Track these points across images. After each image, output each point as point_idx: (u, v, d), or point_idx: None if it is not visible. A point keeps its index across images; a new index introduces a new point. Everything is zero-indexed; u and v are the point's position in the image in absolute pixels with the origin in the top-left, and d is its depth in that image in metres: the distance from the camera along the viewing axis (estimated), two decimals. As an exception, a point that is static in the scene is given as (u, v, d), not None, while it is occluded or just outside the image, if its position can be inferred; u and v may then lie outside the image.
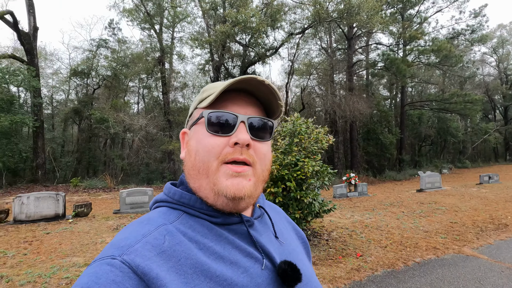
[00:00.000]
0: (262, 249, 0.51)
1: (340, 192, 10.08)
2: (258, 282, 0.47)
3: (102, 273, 0.38)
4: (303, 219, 4.62)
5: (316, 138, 4.75)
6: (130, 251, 0.41)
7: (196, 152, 0.52)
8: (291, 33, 16.92)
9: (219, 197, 0.50)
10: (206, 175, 0.50)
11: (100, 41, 20.95)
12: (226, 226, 0.51)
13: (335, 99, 18.40)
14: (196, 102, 0.57)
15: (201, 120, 0.52)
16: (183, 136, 0.58)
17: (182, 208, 0.52)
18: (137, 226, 0.47)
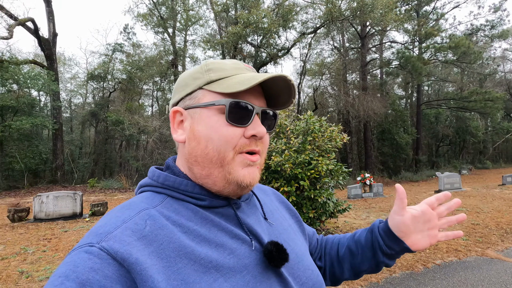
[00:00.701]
0: (250, 230, 0.51)
1: (354, 193, 9.88)
2: (246, 263, 0.47)
3: (80, 261, 0.38)
4: (317, 218, 4.54)
5: (330, 136, 4.66)
6: (109, 237, 0.40)
7: (209, 139, 0.49)
8: (303, 33, 16.81)
9: (230, 185, 0.50)
10: (221, 164, 0.49)
11: (115, 45, 21.48)
12: (212, 209, 0.51)
13: (348, 99, 18.12)
14: (200, 81, 0.51)
15: (215, 107, 0.49)
16: (175, 115, 0.54)
17: (166, 192, 0.51)
18: (117, 212, 0.46)
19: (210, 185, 0.50)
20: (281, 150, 4.40)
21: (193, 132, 0.51)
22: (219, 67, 0.52)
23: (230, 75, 0.51)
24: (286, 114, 5.09)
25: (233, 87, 0.48)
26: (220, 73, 0.51)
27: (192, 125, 0.51)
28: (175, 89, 0.56)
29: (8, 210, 6.15)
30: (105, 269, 0.37)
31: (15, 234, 5.38)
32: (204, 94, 0.51)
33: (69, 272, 0.36)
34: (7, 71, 14.00)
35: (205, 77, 0.51)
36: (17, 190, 14.09)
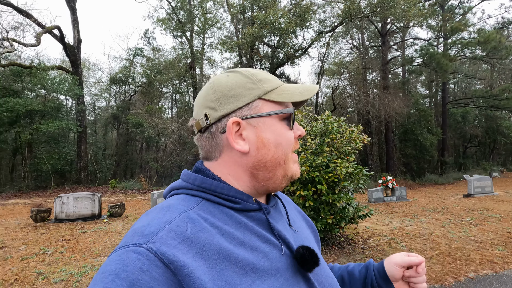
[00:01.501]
0: (279, 235, 0.53)
1: (376, 196, 9.47)
2: (278, 266, 0.48)
3: (129, 261, 0.38)
4: (335, 224, 4.31)
5: (349, 137, 4.42)
6: (155, 239, 0.41)
7: (278, 145, 0.53)
8: (320, 32, 16.47)
9: (286, 180, 0.56)
10: (284, 164, 0.54)
11: (136, 50, 22.09)
12: (245, 212, 0.52)
13: (369, 99, 17.53)
14: (256, 91, 0.53)
15: (278, 115, 0.54)
16: (233, 126, 0.52)
17: (201, 195, 0.52)
18: (158, 213, 0.47)
19: (270, 184, 0.55)
20: (297, 152, 4.22)
21: (262, 140, 0.53)
22: (266, 78, 0.56)
23: (278, 85, 0.56)
24: (303, 115, 4.90)
25: (295, 97, 0.54)
26: (271, 83, 0.55)
27: (258, 134, 0.53)
28: (218, 99, 0.54)
29: (31, 211, 6.37)
30: (153, 271, 0.38)
31: (36, 234, 5.54)
32: (263, 104, 0.54)
33: (120, 271, 0.37)
34: (36, 77, 14.71)
35: (261, 87, 0.54)
36: (44, 190, 14.73)
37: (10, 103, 12.81)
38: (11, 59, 15.51)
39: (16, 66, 14.48)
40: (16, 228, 6.10)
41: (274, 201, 0.60)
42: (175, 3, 19.03)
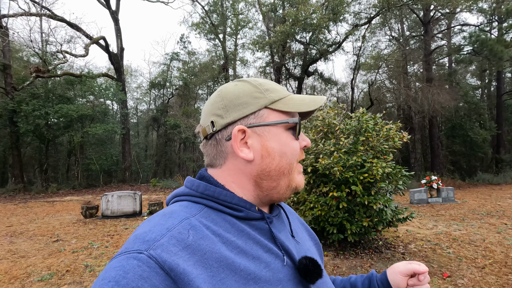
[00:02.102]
0: (282, 245, 0.52)
1: (418, 198, 8.83)
2: (280, 277, 0.48)
3: (129, 268, 0.38)
4: (372, 227, 4.09)
5: (387, 135, 4.16)
6: (156, 245, 0.41)
7: (283, 154, 0.53)
8: (355, 25, 15.77)
9: (290, 191, 0.55)
10: (288, 174, 0.54)
11: (172, 54, 23.11)
12: (247, 221, 0.52)
13: (410, 93, 16.40)
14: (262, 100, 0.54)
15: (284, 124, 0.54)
16: (238, 134, 0.53)
17: (204, 202, 0.51)
18: (160, 219, 0.46)
19: (274, 194, 0.54)
20: (330, 151, 4.07)
21: (266, 149, 0.53)
22: (273, 88, 0.56)
23: (285, 96, 0.56)
24: (335, 113, 4.71)
25: (301, 108, 0.54)
26: (278, 93, 0.55)
27: (263, 142, 0.53)
28: (225, 106, 0.54)
29: (82, 207, 6.99)
30: (153, 278, 0.38)
31: (86, 229, 6.05)
32: (269, 113, 0.54)
33: (120, 278, 0.37)
34: (85, 85, 16.08)
35: (267, 97, 0.54)
36: (94, 188, 16.08)
37: (64, 109, 14.15)
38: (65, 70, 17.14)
39: (69, 76, 15.95)
40: (69, 223, 6.72)
41: (277, 211, 0.60)
42: (208, 7, 19.56)
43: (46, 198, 11.95)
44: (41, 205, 9.91)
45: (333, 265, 3.78)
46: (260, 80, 0.57)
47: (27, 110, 13.52)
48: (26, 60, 17.50)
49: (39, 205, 9.92)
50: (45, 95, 15.29)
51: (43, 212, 8.39)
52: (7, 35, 14.46)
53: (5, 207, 9.64)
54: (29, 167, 18.48)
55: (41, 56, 15.99)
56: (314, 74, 19.16)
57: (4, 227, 6.44)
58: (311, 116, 4.81)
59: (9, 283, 3.42)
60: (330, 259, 3.98)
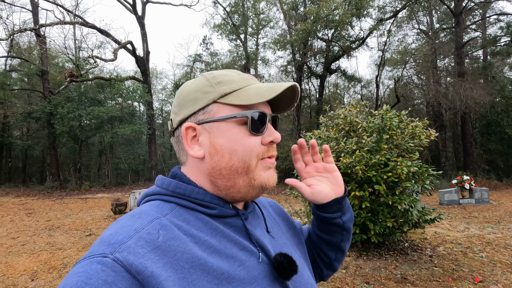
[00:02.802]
0: (257, 242, 0.51)
1: (449, 198, 8.39)
2: (255, 275, 0.47)
3: (93, 273, 0.36)
4: (397, 228, 3.97)
5: (412, 133, 4.01)
6: (123, 248, 0.38)
7: (232, 152, 0.50)
8: (380, 19, 15.26)
9: (254, 189, 0.51)
10: (245, 173, 0.50)
11: (195, 56, 23.64)
12: (221, 218, 0.51)
13: (440, 88, 15.59)
14: (212, 94, 0.51)
15: (234, 119, 0.50)
16: (187, 131, 0.52)
17: (175, 201, 0.50)
18: (128, 220, 0.44)
19: (234, 193, 0.51)
20: (352, 150, 3.99)
21: (214, 146, 0.50)
22: (229, 80, 0.52)
23: (242, 87, 0.52)
24: (358, 111, 4.61)
25: (253, 99, 0.49)
26: (232, 85, 0.51)
27: (211, 139, 0.51)
28: (179, 104, 0.54)
29: (112, 204, 7.39)
30: (119, 283, 0.36)
31: (116, 224, 6.38)
32: (219, 107, 0.51)
33: (81, 284, 0.35)
34: (114, 87, 16.91)
35: (218, 90, 0.51)
36: (123, 186, 16.87)
37: (95, 111, 14.97)
38: (95, 74, 18.12)
39: (99, 79, 16.85)
40: (100, 218, 7.12)
41: (252, 207, 0.59)
42: (229, 8, 19.79)
43: (79, 195, 12.73)
44: (75, 202, 10.58)
45: (356, 265, 3.71)
46: (217, 73, 0.53)
47: (62, 112, 14.45)
48: (61, 65, 18.69)
49: (74, 202, 10.59)
50: (78, 98, 16.26)
51: (77, 208, 8.95)
52: (44, 43, 15.55)
53: (44, 202, 10.39)
54: (64, 166, 19.74)
55: (75, 61, 17.02)
56: (337, 72, 18.77)
57: (44, 221, 6.95)
58: (332, 115, 4.74)
59: (48, 272, 3.70)
60: (352, 259, 3.92)
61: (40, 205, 9.70)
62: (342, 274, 3.48)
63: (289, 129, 18.99)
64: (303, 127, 17.68)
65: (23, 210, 8.58)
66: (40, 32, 15.28)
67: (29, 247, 4.82)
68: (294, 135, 16.84)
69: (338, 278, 3.37)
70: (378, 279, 3.32)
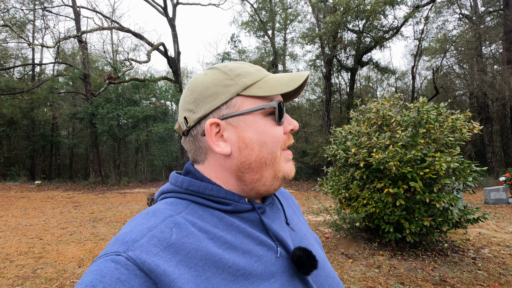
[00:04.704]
0: (275, 236, 0.50)
1: (495, 197, 7.72)
2: (272, 270, 0.46)
3: (107, 271, 0.37)
4: (435, 228, 3.74)
5: (452, 126, 3.74)
6: (135, 246, 0.39)
7: (262, 144, 0.50)
8: (416, 6, 14.32)
9: (278, 181, 0.52)
10: (272, 164, 0.50)
11: (224, 54, 23.97)
12: (237, 214, 0.50)
13: (485, 78, 14.30)
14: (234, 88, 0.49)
15: (260, 111, 0.50)
16: (211, 127, 0.49)
17: (190, 198, 0.50)
18: (142, 218, 0.45)
19: (260, 186, 0.51)
20: (384, 145, 3.83)
21: (243, 140, 0.49)
22: (247, 71, 0.51)
23: (261, 78, 0.51)
24: (391, 104, 4.40)
25: (278, 89, 0.49)
26: (252, 77, 0.51)
27: (239, 134, 0.49)
28: (195, 100, 0.51)
29: (147, 198, 7.79)
30: (131, 281, 0.36)
31: (151, 218, 6.74)
32: (243, 100, 0.50)
33: (96, 282, 0.36)
34: (148, 88, 17.75)
35: (239, 83, 0.50)
36: (157, 181, 17.73)
37: (132, 111, 15.84)
38: (131, 75, 19.15)
39: (134, 81, 17.77)
40: (137, 211, 7.56)
41: (270, 199, 0.57)
42: (257, 5, 19.78)
43: (119, 190, 13.60)
44: (115, 196, 11.33)
45: (390, 265, 3.57)
46: (231, 65, 0.52)
47: (102, 113, 15.49)
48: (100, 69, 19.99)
49: (114, 196, 11.35)
50: (116, 99, 17.32)
51: (117, 202, 9.58)
52: (86, 48, 16.74)
53: (88, 196, 11.26)
54: (105, 163, 21.17)
55: (112, 64, 18.11)
56: (369, 64, 17.99)
57: (88, 213, 7.54)
58: (363, 109, 4.57)
59: (92, 260, 4.02)
60: (386, 259, 3.77)
61: (85, 199, 10.53)
62: (374, 274, 3.37)
63: (319, 125, 18.61)
64: (333, 122, 17.22)
65: (71, 203, 9.37)
66: (82, 39, 16.45)
67: (76, 236, 5.27)
68: (324, 131, 16.48)
69: (371, 278, 3.27)
70: (414, 280, 3.17)
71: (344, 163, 4.36)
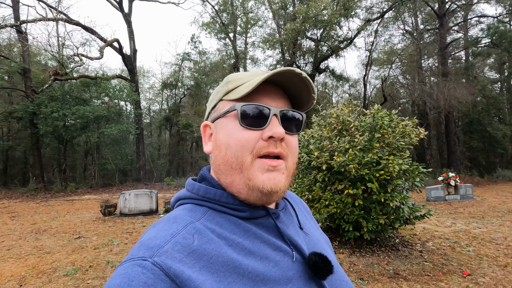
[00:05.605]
0: (290, 241, 0.51)
1: (435, 195, 8.65)
2: (289, 275, 0.46)
3: (134, 275, 0.38)
4: (389, 225, 4.06)
5: (403, 131, 4.10)
6: (161, 252, 0.40)
7: (227, 146, 0.50)
8: (367, 20, 15.53)
9: (253, 192, 0.49)
10: (240, 170, 0.49)
11: (184, 55, 23.35)
12: (253, 220, 0.50)
13: (425, 88, 16.03)
14: (220, 93, 0.54)
15: (231, 113, 0.50)
16: (205, 129, 0.56)
17: (207, 204, 0.51)
18: (164, 224, 0.46)
19: (236, 193, 0.50)
20: (344, 149, 4.06)
21: (216, 141, 0.53)
22: (237, 78, 0.53)
23: (244, 82, 0.51)
24: (350, 110, 4.68)
25: (242, 91, 0.49)
26: (237, 82, 0.52)
27: (215, 135, 0.53)
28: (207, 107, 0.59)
29: (101, 206, 7.22)
30: (158, 285, 0.37)
31: (105, 226, 6.24)
32: (224, 104, 0.53)
33: (124, 286, 0.37)
34: (100, 86, 16.49)
35: (224, 88, 0.53)
36: (110, 187, 16.50)
37: (81, 110, 14.56)
38: (80, 72, 17.63)
39: (84, 78, 16.39)
40: (89, 220, 6.95)
41: (283, 204, 0.58)
42: (218, 7, 19.66)
43: (65, 197, 12.36)
44: (61, 204, 10.27)
45: (349, 262, 3.77)
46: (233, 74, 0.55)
47: (46, 112, 13.98)
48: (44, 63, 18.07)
49: (60, 204, 10.28)
50: (62, 97, 15.77)
51: (64, 210, 8.69)
52: (26, 39, 15.00)
53: (28, 205, 10.04)
54: (48, 167, 19.11)
55: (59, 59, 16.50)
56: (326, 71, 18.99)
57: (29, 224, 6.72)
58: (324, 114, 4.79)
59: (37, 277, 3.59)
60: (346, 256, 3.98)
61: (24, 208, 9.37)
62: (336, 271, 3.53)
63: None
64: (292, 126, 17.73)
65: (6, 214, 8.27)
66: (21, 29, 14.73)
67: (15, 251, 4.66)
68: (284, 134, 16.89)
69: (333, 275, 3.41)
70: (371, 275, 3.39)
71: (307, 166, 4.51)
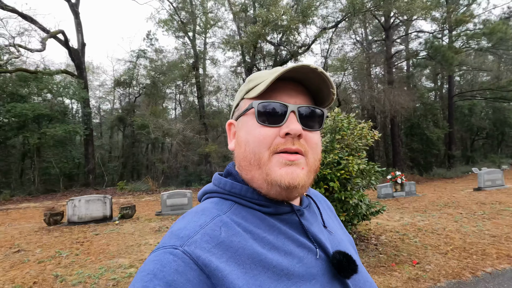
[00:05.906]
0: (314, 238, 0.51)
1: (385, 192, 9.42)
2: (313, 272, 0.47)
3: (166, 262, 0.40)
4: (348, 221, 4.30)
5: (360, 134, 4.40)
6: (190, 242, 0.42)
7: (246, 143, 0.51)
8: (323, 28, 16.38)
9: (272, 186, 0.49)
10: (258, 165, 0.50)
11: (139, 52, 22.15)
12: (277, 216, 0.51)
13: (373, 94, 17.41)
14: (242, 92, 0.56)
15: (250, 111, 0.52)
16: (230, 127, 0.58)
17: (233, 199, 0.52)
18: (193, 216, 0.48)
19: (258, 189, 0.51)
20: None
21: (237, 138, 0.55)
22: (257, 76, 0.54)
23: (263, 80, 0.52)
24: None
25: (259, 89, 0.50)
26: (256, 81, 0.53)
27: (237, 132, 0.55)
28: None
29: (44, 214, 6.45)
30: (188, 273, 0.39)
31: (50, 237, 5.61)
32: (244, 103, 0.55)
33: (157, 271, 0.39)
34: (42, 82, 14.84)
35: (245, 87, 0.55)
36: (53, 193, 14.89)
37: (17, 108, 12.96)
38: (17, 65, 15.65)
39: (22, 72, 14.61)
40: (30, 231, 6.18)
41: (307, 202, 0.58)
42: (176, 4, 19.05)
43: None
44: (-7, 214, 8.98)
45: (313, 259, 3.91)
46: (255, 73, 0.56)
47: (-27, 109, 12.16)
48: (-30, 53, 15.69)
49: (-9, 214, 8.98)
50: (-6, 93, 13.87)
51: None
52: None
53: None
54: (-25, 173, 16.61)
55: (-11, 49, 14.48)
56: (285, 75, 19.52)
57: (-49, 240, 5.74)
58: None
59: (-34, 301, 3.08)
60: (310, 254, 4.12)
61: None
62: (302, 269, 3.63)
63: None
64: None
65: None
66: None
67: None
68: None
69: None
70: (334, 270, 3.55)
71: (272, 167, 4.58)
